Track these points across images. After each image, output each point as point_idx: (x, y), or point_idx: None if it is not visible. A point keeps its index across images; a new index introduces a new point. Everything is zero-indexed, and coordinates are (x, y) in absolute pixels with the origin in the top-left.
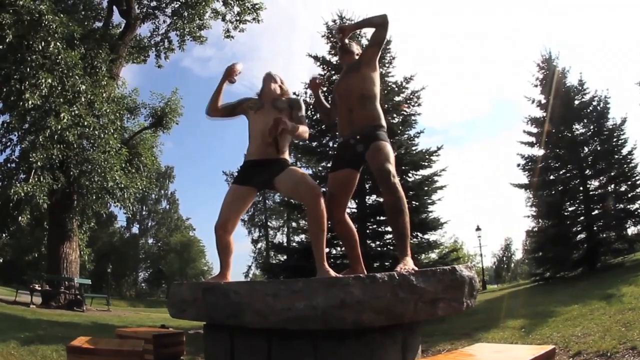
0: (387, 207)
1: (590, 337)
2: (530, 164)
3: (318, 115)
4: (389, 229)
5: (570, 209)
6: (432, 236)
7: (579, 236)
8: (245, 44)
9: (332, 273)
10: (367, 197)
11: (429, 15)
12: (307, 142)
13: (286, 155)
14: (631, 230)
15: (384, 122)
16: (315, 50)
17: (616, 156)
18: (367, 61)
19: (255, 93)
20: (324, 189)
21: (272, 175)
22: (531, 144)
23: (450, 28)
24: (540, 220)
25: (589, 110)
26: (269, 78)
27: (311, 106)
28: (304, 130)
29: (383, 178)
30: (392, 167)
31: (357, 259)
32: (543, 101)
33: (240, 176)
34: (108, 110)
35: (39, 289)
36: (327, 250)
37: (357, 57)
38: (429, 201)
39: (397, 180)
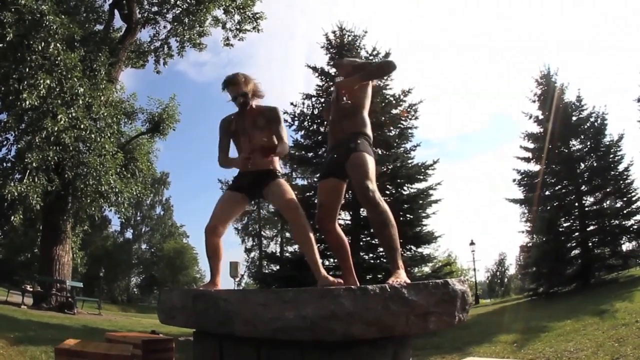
0: (371, 223)
1: (583, 353)
2: (526, 179)
3: (315, 127)
4: None
5: (565, 224)
6: (425, 250)
7: (573, 252)
8: (241, 50)
9: (332, 279)
10: (361, 209)
11: (428, 29)
12: (303, 152)
13: (277, 166)
14: (626, 246)
15: (368, 131)
16: (312, 59)
17: (612, 172)
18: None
19: (235, 106)
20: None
21: (262, 185)
22: (527, 160)
23: (449, 41)
24: (534, 236)
25: (586, 127)
26: (238, 84)
27: (308, 117)
28: (283, 150)
29: (362, 194)
30: (370, 183)
31: (350, 270)
32: (541, 117)
33: (234, 183)
34: (105, 114)
35: (31, 289)
36: (326, 262)
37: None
38: (424, 215)
39: (377, 194)
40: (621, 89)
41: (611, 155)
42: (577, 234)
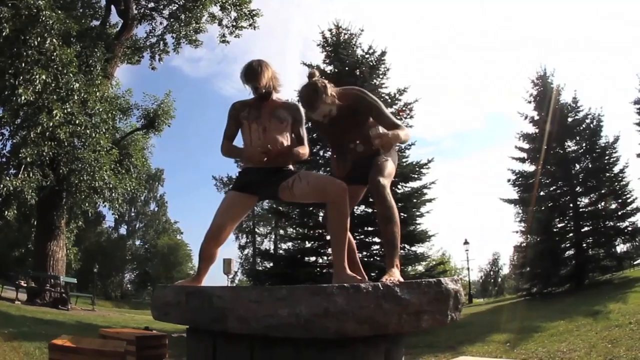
0: (378, 217)
1: (576, 353)
2: (521, 179)
3: (310, 124)
4: (376, 239)
5: (559, 225)
6: (419, 248)
7: (567, 252)
8: (236, 46)
9: (352, 275)
10: (356, 207)
11: (424, 27)
12: None
13: (290, 165)
14: (620, 248)
15: None
16: (308, 56)
17: (607, 174)
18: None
19: (251, 94)
20: None
21: (277, 183)
22: (522, 160)
23: (445, 39)
24: (528, 236)
25: (581, 128)
26: (257, 77)
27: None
28: (304, 153)
29: (374, 186)
30: (384, 178)
31: (357, 268)
32: (536, 117)
33: (240, 183)
34: (101, 110)
35: (25, 285)
36: (320, 260)
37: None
38: (418, 213)
39: (387, 190)
40: (619, 89)
41: (606, 157)
42: (571, 234)
